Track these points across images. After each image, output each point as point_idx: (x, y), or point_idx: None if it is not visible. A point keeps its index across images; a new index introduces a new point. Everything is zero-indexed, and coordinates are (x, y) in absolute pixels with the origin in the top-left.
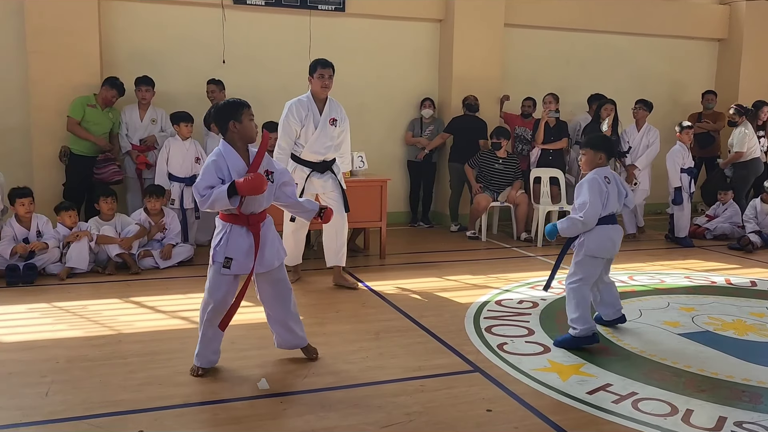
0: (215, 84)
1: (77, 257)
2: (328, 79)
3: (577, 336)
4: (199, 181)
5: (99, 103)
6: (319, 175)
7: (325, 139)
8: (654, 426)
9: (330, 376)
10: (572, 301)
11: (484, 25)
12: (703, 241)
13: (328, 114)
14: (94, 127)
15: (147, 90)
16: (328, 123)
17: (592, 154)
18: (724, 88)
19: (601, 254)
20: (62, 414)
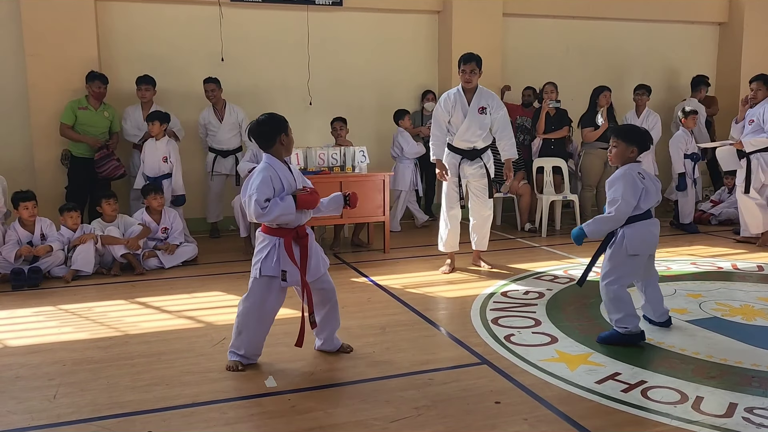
0: (214, 83)
1: (82, 259)
2: (470, 74)
3: (625, 333)
4: (257, 195)
5: (91, 102)
6: (469, 162)
7: (475, 127)
8: (664, 414)
9: (337, 372)
10: (610, 303)
11: (483, 15)
12: (709, 226)
13: (477, 103)
14: (90, 129)
15: (147, 89)
16: (477, 112)
17: (624, 146)
18: (725, 72)
19: (643, 251)
20: (70, 416)
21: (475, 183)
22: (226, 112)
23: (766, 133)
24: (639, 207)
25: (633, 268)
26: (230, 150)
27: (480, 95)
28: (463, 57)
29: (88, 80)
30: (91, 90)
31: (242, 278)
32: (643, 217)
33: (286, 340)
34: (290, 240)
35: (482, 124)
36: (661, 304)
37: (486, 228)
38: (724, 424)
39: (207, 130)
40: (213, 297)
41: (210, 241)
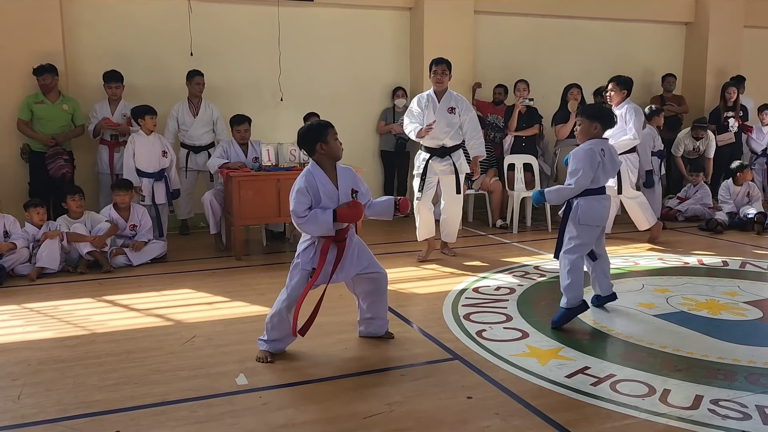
0: (201, 75)
1: (48, 257)
2: (441, 75)
3: (569, 307)
4: (296, 206)
5: (48, 96)
6: (439, 159)
7: (443, 124)
8: (633, 407)
9: (310, 368)
10: (564, 268)
11: (454, 12)
12: (675, 222)
13: (446, 103)
14: (49, 124)
15: (117, 87)
16: (446, 111)
17: (587, 123)
18: (691, 70)
19: (594, 222)
20: (36, 417)
21: (445, 179)
22: (201, 108)
23: (628, 135)
24: (597, 180)
25: (586, 238)
26: (203, 146)
27: (450, 96)
28: (434, 59)
29: (37, 74)
30: (41, 84)
31: (213, 275)
32: (597, 192)
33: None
34: (328, 243)
35: (450, 122)
36: (607, 278)
37: (455, 223)
38: (690, 416)
39: (179, 125)
40: (183, 294)
41: (180, 238)
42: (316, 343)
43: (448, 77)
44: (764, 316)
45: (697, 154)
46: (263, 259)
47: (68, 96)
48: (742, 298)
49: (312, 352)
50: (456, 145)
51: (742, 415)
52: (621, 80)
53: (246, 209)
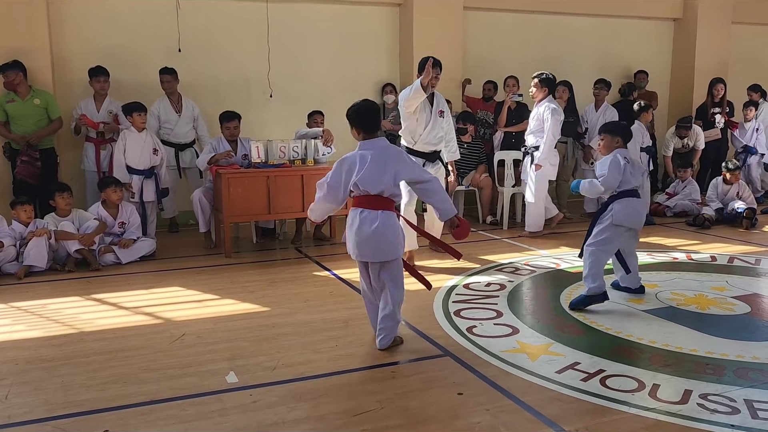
0: (169, 74)
1: (35, 255)
2: (435, 78)
3: (588, 294)
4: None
5: (18, 93)
6: (430, 164)
7: (437, 130)
8: (622, 402)
9: (299, 366)
10: (587, 260)
11: (444, 8)
12: (664, 218)
13: (437, 107)
14: (23, 121)
15: (105, 81)
16: (438, 115)
17: (609, 139)
18: (680, 67)
19: (627, 223)
20: (23, 417)
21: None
22: (183, 105)
23: (547, 140)
24: (627, 181)
25: (614, 236)
26: (187, 143)
27: (438, 99)
28: (435, 60)
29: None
30: (6, 81)
31: (202, 273)
32: (630, 194)
33: (246, 335)
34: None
35: (442, 126)
36: (636, 273)
37: (438, 225)
38: (679, 410)
39: (161, 123)
40: (172, 292)
41: (169, 236)
42: (305, 340)
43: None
44: (752, 310)
45: (686, 150)
46: (253, 257)
47: (39, 90)
48: (731, 293)
49: (302, 350)
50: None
51: (730, 410)
52: (543, 78)
53: (235, 206)
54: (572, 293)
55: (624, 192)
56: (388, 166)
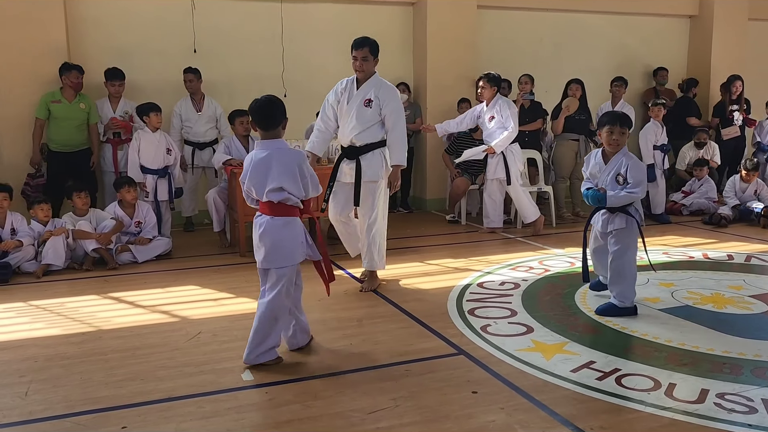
0: (192, 73)
1: (53, 254)
2: (361, 60)
3: (623, 307)
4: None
5: (65, 95)
6: (347, 161)
7: (354, 121)
8: (638, 401)
9: (314, 364)
10: (618, 276)
11: (457, 7)
12: (680, 216)
13: (362, 94)
14: (65, 123)
15: (120, 84)
16: (362, 104)
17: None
18: (695, 64)
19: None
20: (43, 413)
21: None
22: (205, 104)
23: (507, 129)
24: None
25: (636, 239)
26: (207, 142)
27: (370, 85)
28: (355, 42)
29: (64, 71)
30: (68, 81)
31: (217, 272)
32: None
33: None
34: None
35: (363, 119)
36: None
37: (366, 242)
38: (696, 410)
39: (182, 122)
40: (188, 291)
41: (184, 234)
42: (320, 338)
43: (374, 62)
44: None
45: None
46: None
47: (84, 95)
48: (748, 292)
49: (317, 348)
50: (368, 145)
51: (748, 409)
52: (491, 77)
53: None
54: (586, 292)
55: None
56: (273, 171)
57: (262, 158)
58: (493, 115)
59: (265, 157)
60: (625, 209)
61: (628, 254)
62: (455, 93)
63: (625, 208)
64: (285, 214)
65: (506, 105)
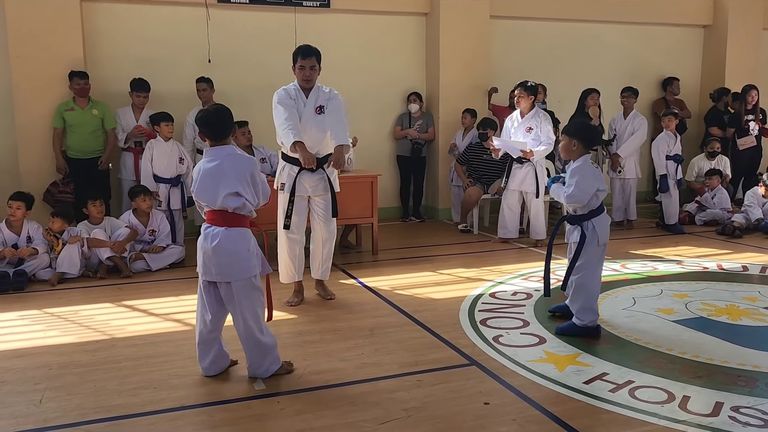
0: (205, 82)
1: (68, 262)
2: (309, 70)
3: (582, 326)
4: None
5: (77, 102)
6: (309, 174)
7: (313, 130)
8: (651, 413)
9: (326, 374)
10: (582, 293)
11: (470, 17)
12: (694, 227)
13: (313, 103)
14: (80, 129)
15: (145, 96)
16: (314, 112)
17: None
18: (710, 74)
19: (607, 239)
20: (57, 421)
21: (317, 199)
22: None
23: (545, 144)
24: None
25: (602, 257)
26: None
27: (317, 93)
28: (301, 50)
29: (70, 79)
30: (72, 88)
31: None
32: (602, 209)
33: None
34: None
35: (320, 126)
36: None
37: (326, 254)
38: (710, 423)
39: (195, 131)
40: None
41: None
42: (331, 348)
43: (318, 72)
44: None
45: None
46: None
47: (97, 101)
48: (763, 304)
49: (328, 358)
50: (328, 155)
51: (763, 423)
52: (528, 86)
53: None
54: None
55: (600, 206)
56: (228, 177)
57: (213, 167)
58: (531, 126)
59: (215, 165)
60: (580, 223)
61: (586, 270)
62: (468, 103)
63: (581, 221)
64: (239, 224)
65: (546, 120)
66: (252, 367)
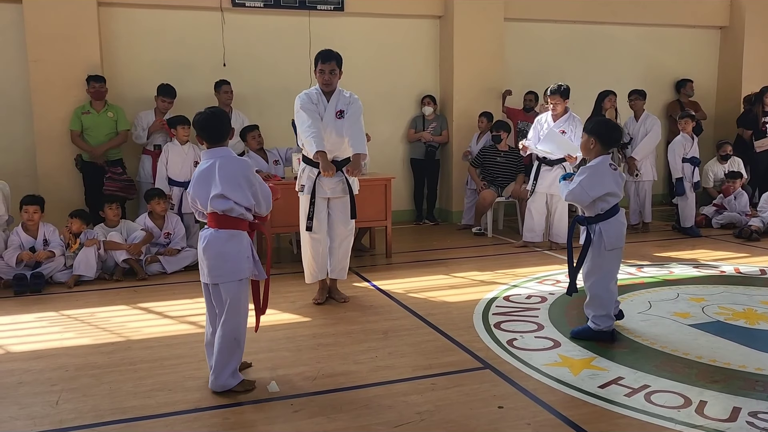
0: (228, 84)
1: (85, 265)
2: (329, 74)
3: (597, 330)
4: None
5: (94, 106)
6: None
7: (333, 135)
8: (668, 418)
9: (340, 377)
10: (596, 300)
11: (484, 19)
12: (711, 230)
13: (334, 107)
14: (95, 132)
15: (170, 102)
16: (335, 116)
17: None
18: (726, 75)
19: (619, 244)
20: (73, 422)
21: (335, 200)
22: (233, 117)
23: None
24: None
25: (614, 262)
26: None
27: (338, 98)
28: (321, 54)
29: (87, 83)
30: (89, 91)
31: None
32: (615, 211)
33: (287, 345)
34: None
35: (339, 130)
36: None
37: (342, 253)
38: (728, 428)
39: None
40: None
41: None
42: (345, 351)
43: (338, 76)
44: None
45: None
46: (293, 267)
47: (112, 104)
48: None
49: (342, 361)
50: (348, 158)
51: None
52: (564, 90)
53: (277, 218)
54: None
55: (612, 210)
56: (215, 179)
57: (206, 167)
58: (565, 130)
59: (208, 166)
60: (588, 225)
61: (596, 276)
62: (482, 106)
63: (588, 223)
64: (230, 226)
65: (580, 123)
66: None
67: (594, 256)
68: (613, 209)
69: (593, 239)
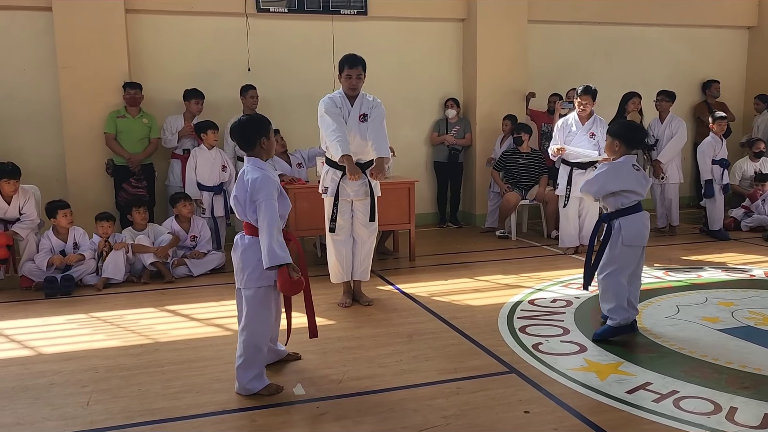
0: (254, 89)
1: (113, 268)
2: (356, 79)
3: (616, 326)
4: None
5: (129, 111)
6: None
7: (357, 138)
8: (698, 425)
9: (365, 380)
10: (608, 292)
11: (507, 22)
12: (740, 233)
13: (357, 111)
14: (129, 136)
15: (199, 103)
16: (358, 120)
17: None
18: (755, 76)
19: (638, 242)
20: (104, 423)
21: (358, 203)
22: None
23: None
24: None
25: (630, 259)
26: None
27: (362, 102)
28: (348, 59)
29: (125, 89)
30: (126, 96)
31: None
32: (636, 210)
33: (313, 348)
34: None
35: (363, 134)
36: (636, 299)
37: (365, 254)
38: None
39: None
40: None
41: None
42: (370, 354)
43: (363, 80)
44: None
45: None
46: (317, 270)
47: (147, 112)
48: None
49: (367, 364)
50: (371, 161)
51: None
52: (592, 91)
53: (301, 221)
54: (643, 310)
55: (630, 208)
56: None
57: (240, 173)
58: (594, 132)
59: (240, 172)
60: (609, 221)
61: (610, 268)
62: (505, 108)
63: (609, 219)
64: (255, 233)
65: (605, 126)
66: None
67: (611, 249)
68: (635, 207)
69: (613, 233)
